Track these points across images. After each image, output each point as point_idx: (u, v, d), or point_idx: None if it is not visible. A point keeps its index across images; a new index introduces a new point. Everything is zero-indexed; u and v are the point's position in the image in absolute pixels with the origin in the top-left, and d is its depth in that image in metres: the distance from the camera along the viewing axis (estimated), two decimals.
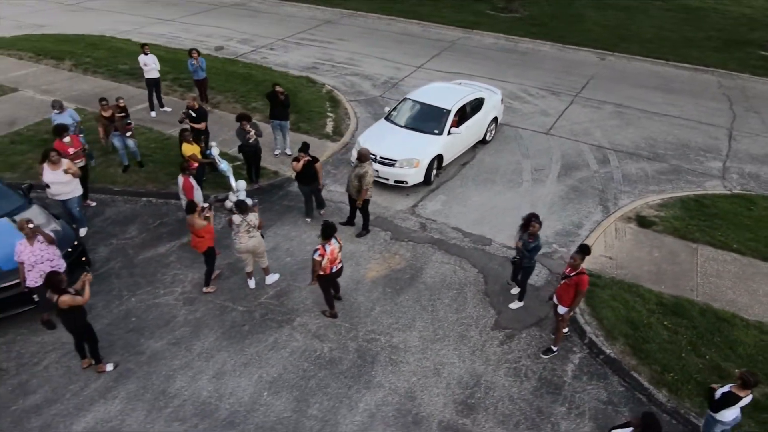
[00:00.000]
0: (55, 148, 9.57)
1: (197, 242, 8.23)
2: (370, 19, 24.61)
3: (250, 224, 7.97)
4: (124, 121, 10.99)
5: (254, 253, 8.25)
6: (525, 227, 7.90)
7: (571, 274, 7.11)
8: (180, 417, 6.68)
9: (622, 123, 15.04)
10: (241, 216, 7.90)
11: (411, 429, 6.63)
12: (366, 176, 9.42)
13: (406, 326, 8.11)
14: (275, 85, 11.86)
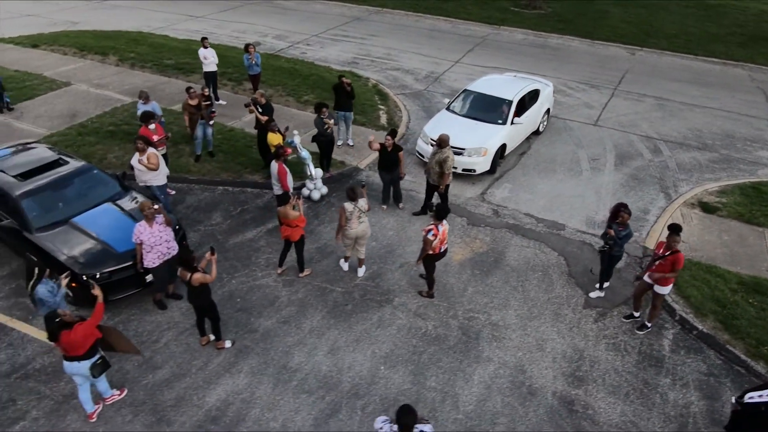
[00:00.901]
0: (141, 134, 9.87)
1: (291, 232, 8.32)
2: (398, 15, 24.90)
3: (362, 210, 8.20)
4: (208, 110, 11.27)
5: (361, 238, 8.45)
6: (614, 217, 8.15)
7: (666, 253, 7.40)
8: (306, 389, 6.95)
9: (665, 115, 15.39)
10: (353, 203, 8.11)
11: (528, 399, 6.92)
12: (447, 161, 9.70)
13: (501, 305, 8.41)
14: (341, 77, 12.14)
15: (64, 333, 5.75)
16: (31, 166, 8.78)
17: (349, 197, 8.14)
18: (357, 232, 8.30)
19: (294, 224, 8.27)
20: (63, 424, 6.45)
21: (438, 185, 9.97)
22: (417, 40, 21.31)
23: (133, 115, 13.79)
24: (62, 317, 5.78)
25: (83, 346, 5.93)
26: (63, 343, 5.80)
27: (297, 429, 6.48)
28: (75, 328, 5.80)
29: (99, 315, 6.07)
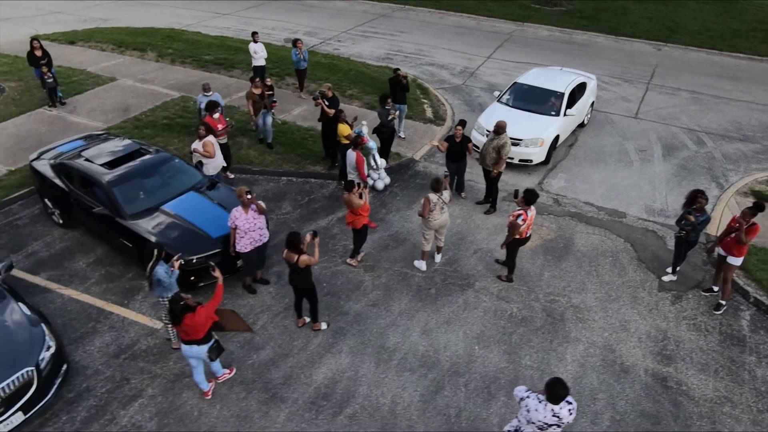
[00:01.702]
0: (206, 122, 10.10)
1: (354, 219, 8.50)
2: (421, 13, 25.10)
3: (445, 201, 8.40)
4: (270, 99, 11.49)
5: (442, 228, 8.66)
6: (690, 203, 8.36)
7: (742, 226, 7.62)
8: (408, 368, 7.16)
9: (702, 108, 15.67)
10: (437, 194, 8.31)
11: (622, 377, 7.15)
12: (505, 146, 9.92)
13: (579, 289, 8.65)
14: (396, 70, 12.36)
15: (188, 316, 5.92)
16: (115, 155, 8.97)
17: (434, 189, 8.32)
18: (440, 222, 8.50)
19: (358, 212, 8.42)
20: (180, 401, 6.64)
21: (491, 170, 10.18)
22: (445, 36, 21.54)
23: (186, 108, 14.04)
24: (185, 300, 5.95)
25: (204, 329, 6.11)
26: (186, 326, 5.97)
27: (403, 405, 6.70)
28: (198, 310, 5.98)
29: (219, 297, 6.26)
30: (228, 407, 6.59)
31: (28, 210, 10.05)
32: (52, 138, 12.18)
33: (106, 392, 6.72)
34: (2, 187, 10.45)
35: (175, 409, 6.55)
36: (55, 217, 9.53)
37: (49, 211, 9.57)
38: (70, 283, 8.37)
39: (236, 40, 19.47)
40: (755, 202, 7.76)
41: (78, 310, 7.87)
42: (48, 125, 12.94)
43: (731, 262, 7.91)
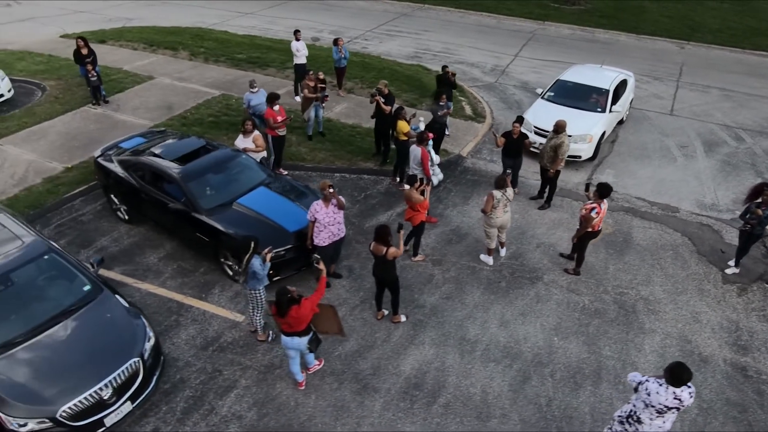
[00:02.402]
0: (266, 115, 10.25)
1: (412, 215, 8.57)
2: (441, 12, 25.24)
3: (509, 198, 8.52)
4: (323, 92, 11.67)
5: (504, 227, 8.78)
6: (754, 196, 8.49)
7: None
8: (492, 359, 7.28)
9: (735, 105, 15.84)
10: (501, 191, 8.42)
11: (702, 366, 7.29)
12: (563, 146, 10.02)
13: (645, 281, 8.78)
14: (445, 67, 12.48)
15: (294, 308, 6.01)
16: (184, 151, 9.05)
17: (498, 185, 8.42)
18: (502, 221, 8.61)
19: (417, 208, 8.48)
20: (275, 392, 6.74)
21: (549, 169, 10.29)
22: (469, 35, 21.69)
23: (229, 106, 14.13)
24: (292, 293, 6.04)
25: (306, 321, 6.20)
26: (291, 318, 6.06)
27: (494, 394, 6.81)
28: (303, 303, 6.07)
29: (322, 290, 6.36)
30: (323, 397, 6.69)
31: (90, 206, 10.12)
32: (103, 135, 12.27)
33: (200, 383, 6.81)
34: (62, 184, 10.51)
35: (272, 399, 6.64)
36: (120, 213, 9.61)
37: (114, 207, 9.65)
38: (145, 278, 8.45)
39: (265, 38, 19.58)
40: None
41: (158, 303, 7.95)
42: (95, 123, 13.00)
43: None
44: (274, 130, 10.58)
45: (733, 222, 10.36)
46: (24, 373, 5.65)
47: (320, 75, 11.89)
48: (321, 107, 12.09)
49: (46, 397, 5.53)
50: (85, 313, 6.31)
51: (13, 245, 6.61)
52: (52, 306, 6.31)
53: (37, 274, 6.55)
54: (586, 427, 6.45)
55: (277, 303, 5.95)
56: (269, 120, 10.44)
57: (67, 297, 6.47)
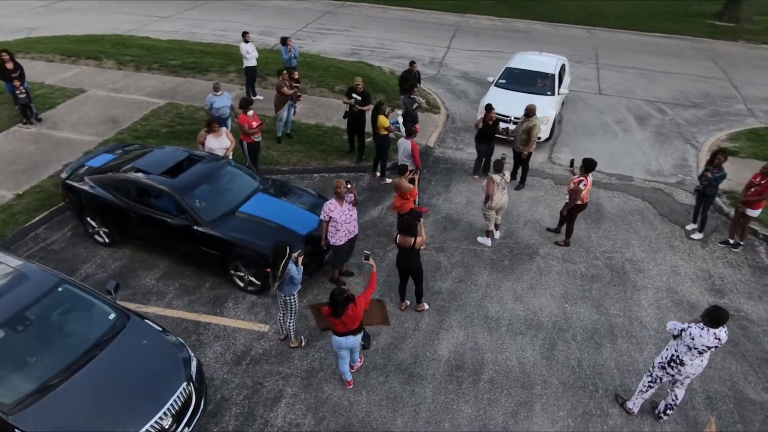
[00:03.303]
0: (241, 121, 10.00)
1: (402, 204, 8.81)
2: (364, 8, 25.52)
3: (507, 180, 8.97)
4: (296, 92, 11.55)
5: (502, 209, 9.23)
6: (711, 161, 9.59)
7: (762, 181, 8.99)
8: (518, 332, 7.70)
9: (649, 82, 17.60)
10: (499, 174, 8.85)
11: (694, 311, 8.19)
12: (534, 128, 10.72)
13: (625, 245, 9.66)
14: (412, 62, 12.84)
15: (351, 306, 6.02)
16: (170, 164, 8.57)
17: (496, 169, 8.88)
18: (501, 203, 9.09)
19: (406, 196, 8.75)
20: (324, 395, 6.68)
21: (522, 152, 10.95)
22: (398, 29, 22.16)
23: (179, 114, 13.46)
24: (347, 292, 6.03)
25: (360, 319, 6.22)
26: (347, 317, 6.04)
27: (530, 363, 7.24)
28: (358, 300, 6.09)
29: (374, 286, 6.40)
30: (374, 392, 6.74)
31: (58, 233, 9.28)
32: (46, 156, 11.26)
33: (245, 399, 6.58)
34: (19, 213, 9.51)
35: (323, 403, 6.58)
36: (99, 237, 8.91)
37: (91, 230, 8.92)
38: (147, 301, 7.94)
39: (194, 43, 18.74)
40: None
41: (171, 325, 7.50)
42: (33, 144, 11.83)
43: (749, 214, 9.23)
44: (250, 137, 10.29)
45: (679, 185, 11.64)
46: (74, 415, 5.17)
47: (294, 74, 11.73)
48: (294, 107, 11.94)
49: None
50: (120, 342, 5.87)
51: (19, 281, 5.99)
52: (81, 340, 5.80)
53: (54, 308, 5.98)
54: (616, 380, 7.06)
55: (334, 303, 5.92)
56: (244, 126, 10.14)
57: (95, 329, 5.97)
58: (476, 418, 6.48)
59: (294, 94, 11.85)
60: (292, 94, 11.79)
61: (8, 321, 5.59)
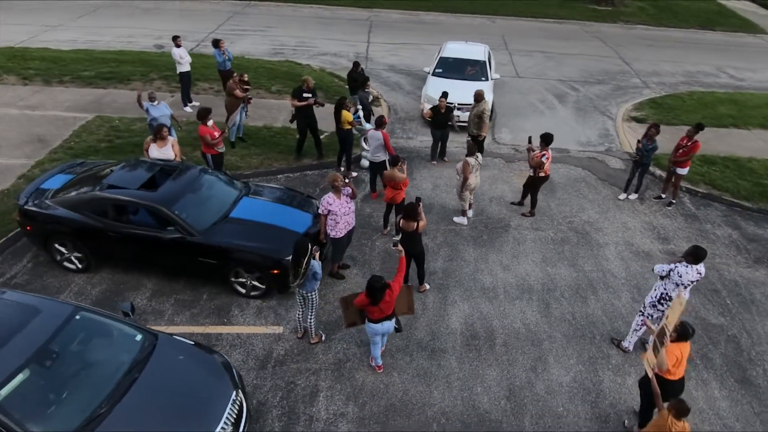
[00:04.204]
0: (202, 133, 9.72)
1: (394, 194, 9.17)
2: (272, 7, 25.18)
3: (480, 163, 9.57)
4: (247, 95, 11.33)
5: (475, 189, 9.84)
6: (646, 133, 10.83)
7: (688, 143, 10.41)
8: (514, 297, 8.36)
9: (557, 63, 19.29)
10: (473, 157, 9.42)
11: (648, 259, 9.37)
12: (486, 111, 11.49)
13: (580, 209, 10.73)
14: (356, 63, 13.06)
15: (388, 292, 6.25)
16: (145, 177, 8.15)
17: (470, 152, 9.47)
18: (475, 183, 9.72)
19: (399, 186, 9.19)
20: (358, 382, 6.85)
21: (477, 135, 11.68)
22: (314, 27, 22.19)
23: (115, 127, 12.63)
24: (383, 279, 6.23)
25: (394, 304, 6.47)
26: (384, 303, 6.25)
27: (533, 323, 7.92)
28: (392, 286, 6.34)
29: (404, 270, 6.67)
30: (405, 372, 7.04)
31: (17, 265, 8.45)
32: None
33: (282, 400, 6.58)
34: None
35: (361, 389, 6.76)
36: (71, 264, 8.26)
37: (60, 258, 8.24)
38: (146, 321, 7.54)
39: (103, 51, 17.47)
40: (697, 123, 10.49)
41: None
42: None
43: (679, 172, 10.64)
44: (212, 148, 9.95)
45: (608, 152, 13.06)
46: None
47: (244, 76, 11.49)
48: (246, 110, 11.71)
49: None
50: (156, 362, 5.63)
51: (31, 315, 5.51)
52: (115, 366, 5.49)
53: (77, 337, 5.58)
54: (607, 326, 7.95)
55: (373, 291, 6.10)
56: (206, 137, 9.77)
57: (125, 352, 5.67)
58: (503, 378, 7.03)
59: (246, 97, 11.63)
60: (244, 96, 11.57)
61: (33, 358, 5.16)
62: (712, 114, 15.16)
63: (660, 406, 5.46)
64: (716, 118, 14.92)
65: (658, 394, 5.48)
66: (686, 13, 27.33)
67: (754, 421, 6.73)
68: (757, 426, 6.67)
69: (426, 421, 6.44)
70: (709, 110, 15.46)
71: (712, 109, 15.53)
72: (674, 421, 5.12)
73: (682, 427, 5.12)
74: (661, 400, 5.46)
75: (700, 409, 6.81)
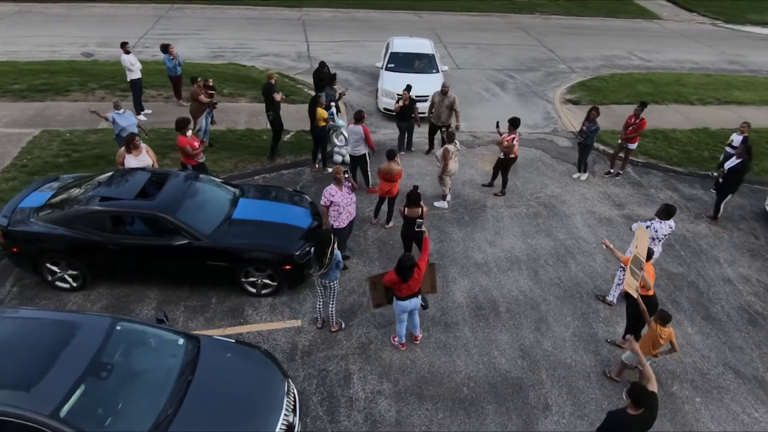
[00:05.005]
0: (182, 144, 9.60)
1: (390, 187, 9.51)
2: (197, 9, 24.51)
3: (458, 149, 10.18)
4: (212, 100, 11.22)
5: (454, 174, 10.45)
6: (588, 116, 11.94)
7: (636, 121, 11.61)
8: (505, 269, 9.07)
9: (489, 54, 20.44)
10: (452, 144, 10.00)
11: (611, 223, 10.47)
12: (455, 102, 12.13)
13: (542, 185, 11.70)
14: (322, 63, 13.24)
15: (416, 270, 6.67)
16: (138, 185, 7.99)
17: (449, 140, 10.05)
18: (454, 169, 10.32)
19: (395, 179, 9.59)
20: (387, 361, 7.22)
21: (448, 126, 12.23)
22: (247, 28, 21.95)
23: (68, 141, 12.10)
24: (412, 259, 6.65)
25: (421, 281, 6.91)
26: (413, 280, 6.68)
27: (527, 290, 8.66)
28: (420, 264, 6.77)
29: (428, 249, 7.16)
30: (426, 347, 7.50)
31: (1, 291, 7.97)
32: None
33: (318, 387, 6.82)
34: None
35: (390, 367, 7.15)
36: (64, 283, 7.92)
37: (51, 278, 7.88)
38: None
39: (31, 62, 16.36)
40: (641, 102, 11.72)
41: None
42: None
43: (630, 147, 11.87)
44: (193, 158, 9.80)
45: (554, 132, 14.22)
46: None
47: (209, 81, 11.34)
48: (211, 115, 11.57)
49: None
50: (205, 363, 5.69)
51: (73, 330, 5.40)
52: (167, 370, 5.51)
53: (123, 347, 5.52)
54: (590, 285, 8.87)
55: (404, 270, 6.50)
56: (186, 148, 9.59)
57: (172, 357, 5.68)
58: (514, 340, 7.70)
59: (211, 102, 11.50)
60: (209, 102, 11.43)
61: (89, 371, 5.08)
62: (634, 92, 16.86)
63: (647, 319, 6.44)
64: (638, 96, 16.52)
65: (644, 310, 6.50)
66: (593, 3, 29.73)
67: (723, 348, 7.87)
68: (726, 352, 7.81)
69: (456, 387, 6.96)
70: (630, 89, 17.18)
71: (633, 89, 17.26)
72: (661, 328, 6.28)
73: (668, 332, 6.29)
74: (648, 315, 6.46)
75: (680, 344, 7.83)
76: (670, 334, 6.32)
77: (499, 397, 6.87)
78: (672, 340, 6.35)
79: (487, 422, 6.55)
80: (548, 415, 6.68)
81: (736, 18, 28.84)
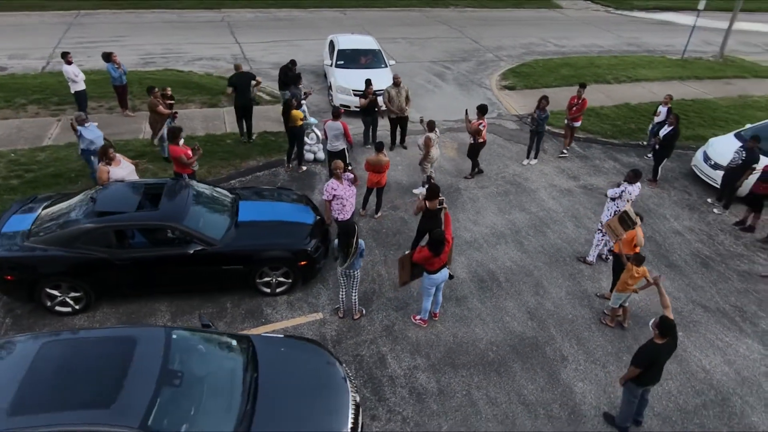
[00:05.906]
0: (176, 154, 9.37)
1: (379, 178, 9.91)
2: (109, 15, 23.35)
3: (439, 136, 10.71)
4: (173, 111, 11.00)
5: (436, 161, 10.98)
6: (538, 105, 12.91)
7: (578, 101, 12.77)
8: (495, 243, 9.78)
9: (422, 47, 21.26)
10: (433, 132, 10.51)
11: (572, 194, 11.55)
12: (408, 92, 12.71)
13: (505, 166, 12.62)
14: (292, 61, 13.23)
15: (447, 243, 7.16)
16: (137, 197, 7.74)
17: (430, 128, 10.56)
18: (436, 155, 10.85)
19: (384, 170, 9.95)
20: (413, 340, 7.63)
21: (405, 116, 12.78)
22: (170, 32, 21.21)
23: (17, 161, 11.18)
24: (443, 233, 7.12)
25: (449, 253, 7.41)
26: (444, 254, 7.16)
27: (518, 260, 9.42)
28: (447, 238, 7.24)
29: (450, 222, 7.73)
30: (446, 321, 8.00)
31: None
32: None
33: (357, 370, 7.09)
34: None
35: (418, 344, 7.57)
36: (64, 307, 7.51)
37: (51, 303, 7.44)
38: None
39: None
40: (580, 83, 12.90)
41: None
42: None
43: (575, 125, 13.03)
44: (188, 167, 9.52)
45: (500, 117, 15.25)
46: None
47: (167, 90, 10.98)
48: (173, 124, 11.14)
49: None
50: (265, 360, 5.77)
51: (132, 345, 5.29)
52: (232, 371, 5.55)
53: (184, 354, 5.47)
54: (569, 249, 9.82)
55: (437, 244, 6.95)
56: (181, 158, 9.30)
57: (232, 358, 5.71)
58: (519, 305, 8.42)
59: (171, 113, 11.10)
60: (169, 113, 11.03)
61: (161, 381, 5.03)
62: (559, 76, 18.40)
63: (625, 261, 7.53)
64: (563, 79, 18.16)
65: (623, 254, 7.57)
66: None
67: (688, 289, 9.11)
68: (691, 292, 9.05)
69: (482, 352, 7.54)
70: (556, 73, 18.71)
71: (557, 72, 18.81)
72: (636, 268, 7.34)
73: (642, 270, 7.39)
74: (626, 258, 7.55)
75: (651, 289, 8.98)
76: (644, 271, 7.40)
77: (521, 355, 7.55)
78: (646, 275, 7.41)
79: (518, 378, 7.19)
80: (567, 365, 7.45)
81: (624, 4, 32.01)
